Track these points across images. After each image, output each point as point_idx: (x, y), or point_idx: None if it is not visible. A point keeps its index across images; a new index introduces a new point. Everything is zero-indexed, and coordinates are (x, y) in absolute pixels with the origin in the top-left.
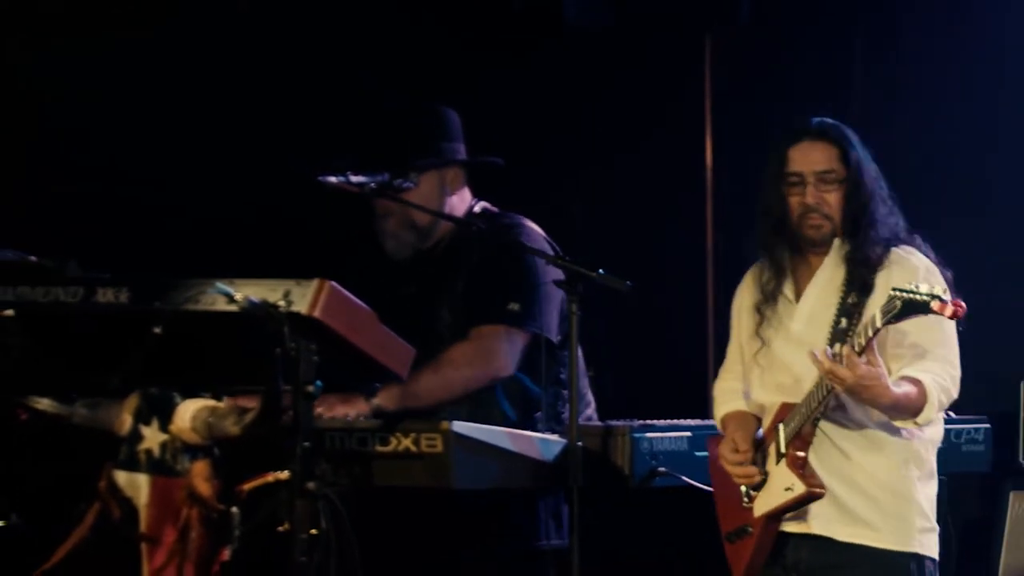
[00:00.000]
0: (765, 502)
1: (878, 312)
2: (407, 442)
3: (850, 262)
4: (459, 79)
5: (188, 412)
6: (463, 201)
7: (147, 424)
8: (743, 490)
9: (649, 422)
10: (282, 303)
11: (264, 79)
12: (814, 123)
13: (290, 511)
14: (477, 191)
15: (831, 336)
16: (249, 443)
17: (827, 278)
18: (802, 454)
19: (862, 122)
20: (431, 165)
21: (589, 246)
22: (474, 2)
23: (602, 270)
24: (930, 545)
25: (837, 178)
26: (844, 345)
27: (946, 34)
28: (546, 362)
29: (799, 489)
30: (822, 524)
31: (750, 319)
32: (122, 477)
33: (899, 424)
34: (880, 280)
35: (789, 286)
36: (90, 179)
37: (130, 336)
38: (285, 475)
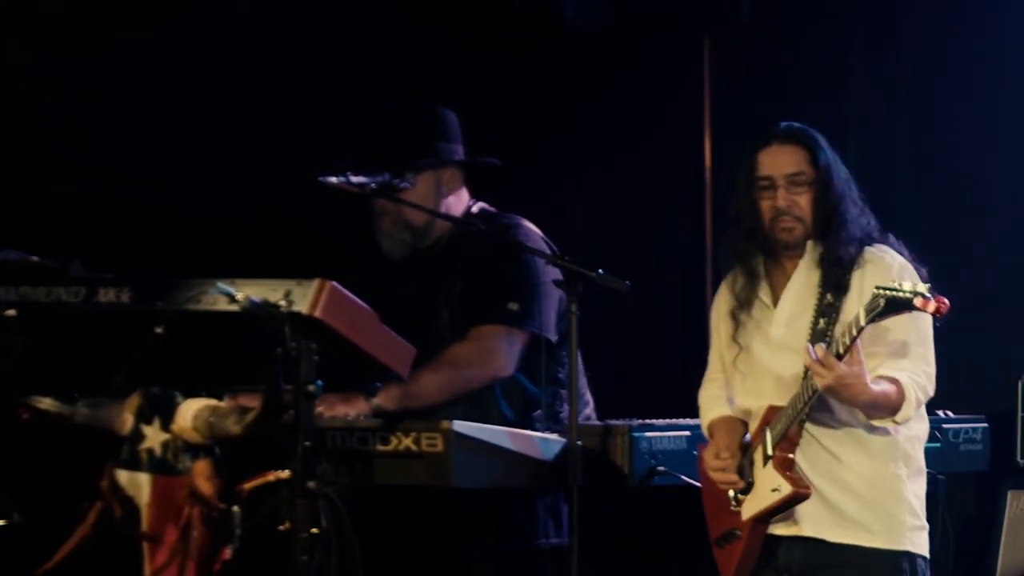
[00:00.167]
0: (753, 505)
1: (862, 310)
2: (408, 441)
3: (824, 263)
4: (459, 79)
5: (189, 411)
6: (461, 201)
7: (149, 423)
8: (731, 495)
9: (648, 421)
10: (283, 303)
11: (264, 79)
12: (782, 127)
13: (291, 510)
14: (477, 191)
15: (811, 337)
16: (250, 442)
17: (803, 281)
18: (789, 456)
19: (862, 122)
20: (428, 165)
21: (589, 246)
22: (474, 2)
23: (601, 270)
24: (921, 543)
25: (807, 180)
26: (818, 345)
27: (946, 34)
28: (545, 362)
29: (785, 490)
30: (813, 526)
31: (728, 326)
32: (124, 476)
33: (877, 423)
34: (855, 279)
35: (766, 291)
36: (90, 179)
37: (132, 336)
38: (286, 474)
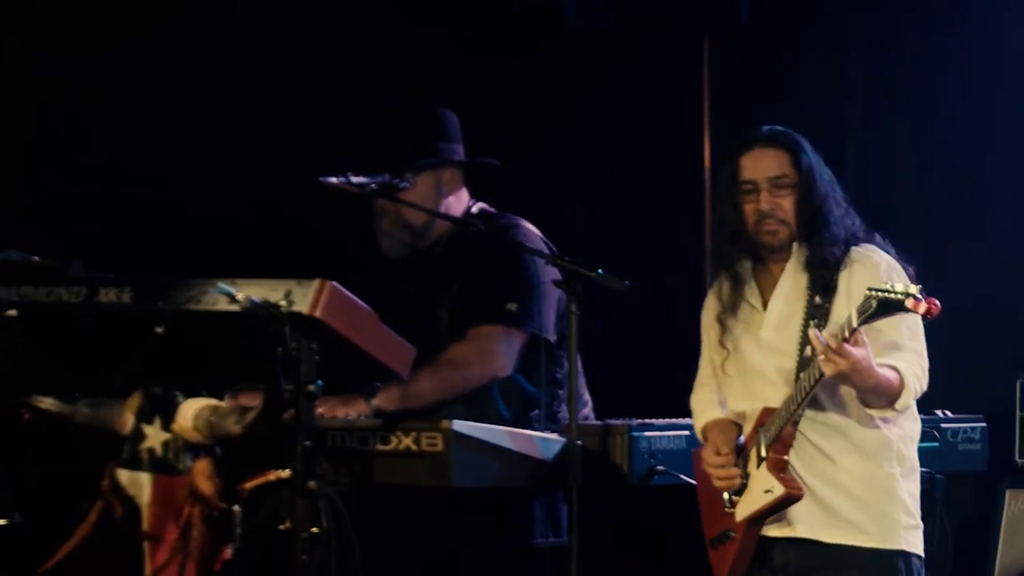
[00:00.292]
0: (746, 506)
1: (854, 312)
2: (408, 441)
3: (810, 265)
4: (459, 79)
5: (190, 411)
6: (460, 202)
7: (149, 423)
8: (725, 496)
9: (647, 421)
10: (283, 303)
11: (264, 79)
12: (764, 131)
13: (291, 509)
14: (477, 191)
15: (802, 339)
16: (251, 442)
17: (791, 283)
18: (783, 457)
19: (862, 122)
20: (427, 166)
21: (588, 246)
22: (474, 2)
23: (601, 270)
24: (916, 542)
25: (790, 183)
26: (825, 332)
27: (946, 34)
28: (544, 362)
29: (778, 491)
30: (808, 527)
31: (717, 331)
32: (124, 476)
33: (876, 412)
34: (842, 280)
35: (755, 294)
36: (90, 179)
37: (133, 336)
38: (286, 474)
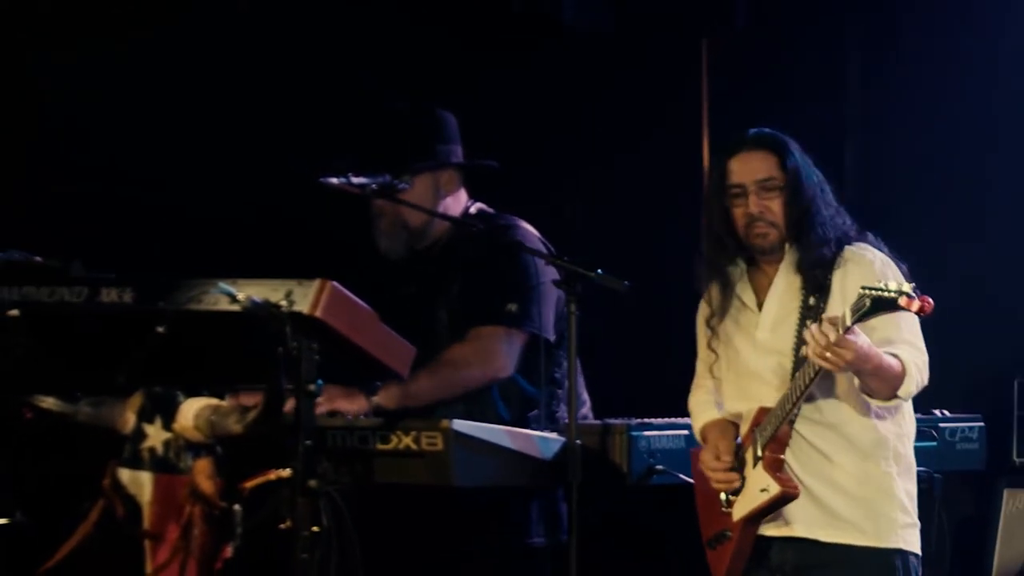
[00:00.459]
0: (743, 506)
1: (848, 311)
2: (408, 440)
3: (803, 266)
4: (459, 79)
5: (191, 410)
6: (458, 203)
7: (150, 422)
8: (722, 496)
9: (647, 420)
10: (284, 303)
11: (264, 79)
12: (751, 134)
13: (292, 508)
14: (477, 192)
15: (797, 340)
16: (251, 441)
17: (785, 285)
18: (779, 456)
19: (862, 122)
20: (425, 168)
21: (588, 246)
22: (474, 3)
23: (600, 270)
24: (913, 540)
25: (777, 185)
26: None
27: (946, 34)
28: (543, 362)
29: (774, 490)
30: (805, 526)
31: (712, 333)
32: (126, 475)
33: (879, 403)
34: (836, 280)
35: (749, 296)
36: (90, 179)
37: (134, 335)
38: (287, 473)
